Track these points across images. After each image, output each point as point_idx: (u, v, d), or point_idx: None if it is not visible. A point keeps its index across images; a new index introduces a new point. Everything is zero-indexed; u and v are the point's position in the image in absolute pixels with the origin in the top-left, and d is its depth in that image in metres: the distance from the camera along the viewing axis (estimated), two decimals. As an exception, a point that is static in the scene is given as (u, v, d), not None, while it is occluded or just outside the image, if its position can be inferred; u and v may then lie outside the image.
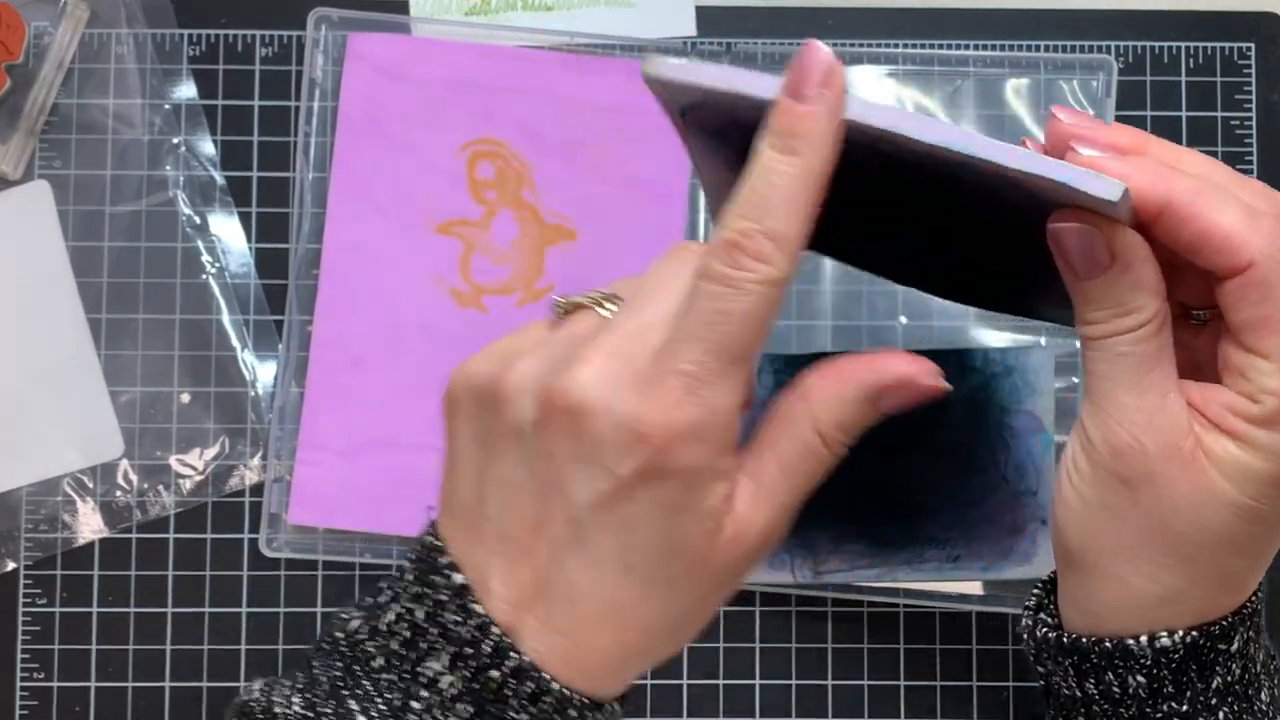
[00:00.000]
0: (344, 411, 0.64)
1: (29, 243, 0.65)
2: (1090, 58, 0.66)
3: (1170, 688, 0.44)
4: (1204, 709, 0.44)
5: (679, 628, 0.42)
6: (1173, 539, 0.42)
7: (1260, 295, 0.40)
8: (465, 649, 0.40)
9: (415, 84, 0.65)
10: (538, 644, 0.40)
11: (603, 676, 0.41)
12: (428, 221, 0.65)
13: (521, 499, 0.40)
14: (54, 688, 0.64)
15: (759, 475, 0.41)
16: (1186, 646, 0.43)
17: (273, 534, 0.64)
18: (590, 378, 0.39)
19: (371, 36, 0.65)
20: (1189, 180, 0.41)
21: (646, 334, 0.39)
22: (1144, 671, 0.44)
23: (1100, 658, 0.44)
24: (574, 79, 0.65)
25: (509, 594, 0.40)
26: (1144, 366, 0.41)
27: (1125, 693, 0.44)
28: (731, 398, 0.39)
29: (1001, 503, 0.63)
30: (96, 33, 0.66)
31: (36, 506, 0.65)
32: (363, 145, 0.65)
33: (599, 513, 0.39)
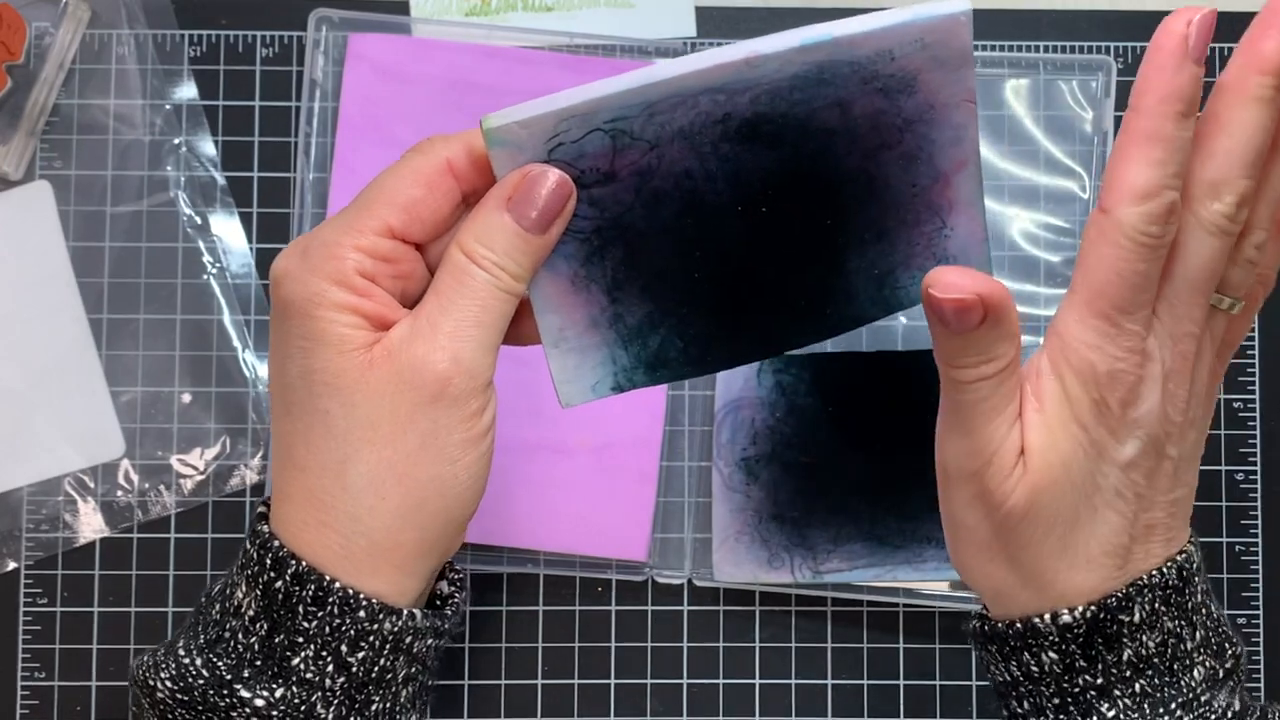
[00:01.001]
0: None
1: (30, 243, 0.65)
2: (1090, 58, 0.66)
3: (1081, 661, 0.47)
4: (1118, 680, 0.46)
5: (370, 470, 0.45)
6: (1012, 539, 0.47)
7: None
8: (254, 569, 0.46)
9: (415, 84, 0.65)
10: (316, 549, 0.45)
11: (357, 558, 0.45)
12: None
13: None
14: (55, 687, 0.64)
15: (418, 312, 0.45)
16: (1088, 621, 0.46)
17: (273, 534, 0.65)
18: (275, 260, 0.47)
19: (372, 37, 0.65)
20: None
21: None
22: (1054, 648, 0.47)
23: (1015, 639, 0.47)
24: (573, 80, 0.65)
25: (290, 512, 0.46)
26: (1002, 403, 0.46)
27: (1042, 670, 0.47)
28: (345, 235, 0.45)
29: None
30: (97, 33, 0.66)
31: (37, 506, 0.65)
32: (363, 145, 0.65)
33: (270, 370, 0.47)
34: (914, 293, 0.50)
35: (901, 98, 0.47)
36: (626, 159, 0.47)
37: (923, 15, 0.45)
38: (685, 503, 0.65)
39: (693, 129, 0.46)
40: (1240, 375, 0.66)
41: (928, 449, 0.65)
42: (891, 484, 0.63)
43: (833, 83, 0.46)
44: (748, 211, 0.48)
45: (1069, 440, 0.45)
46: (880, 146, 0.47)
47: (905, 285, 0.50)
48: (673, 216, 0.47)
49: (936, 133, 0.48)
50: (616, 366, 0.50)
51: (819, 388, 0.64)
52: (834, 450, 0.63)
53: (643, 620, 0.65)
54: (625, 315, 0.49)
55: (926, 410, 0.65)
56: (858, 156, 0.48)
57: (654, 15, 0.67)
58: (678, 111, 0.46)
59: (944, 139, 0.48)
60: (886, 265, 0.50)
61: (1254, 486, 0.66)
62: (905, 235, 0.49)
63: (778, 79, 0.45)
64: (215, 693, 0.45)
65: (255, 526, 0.47)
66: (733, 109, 0.46)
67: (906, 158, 0.48)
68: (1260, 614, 0.65)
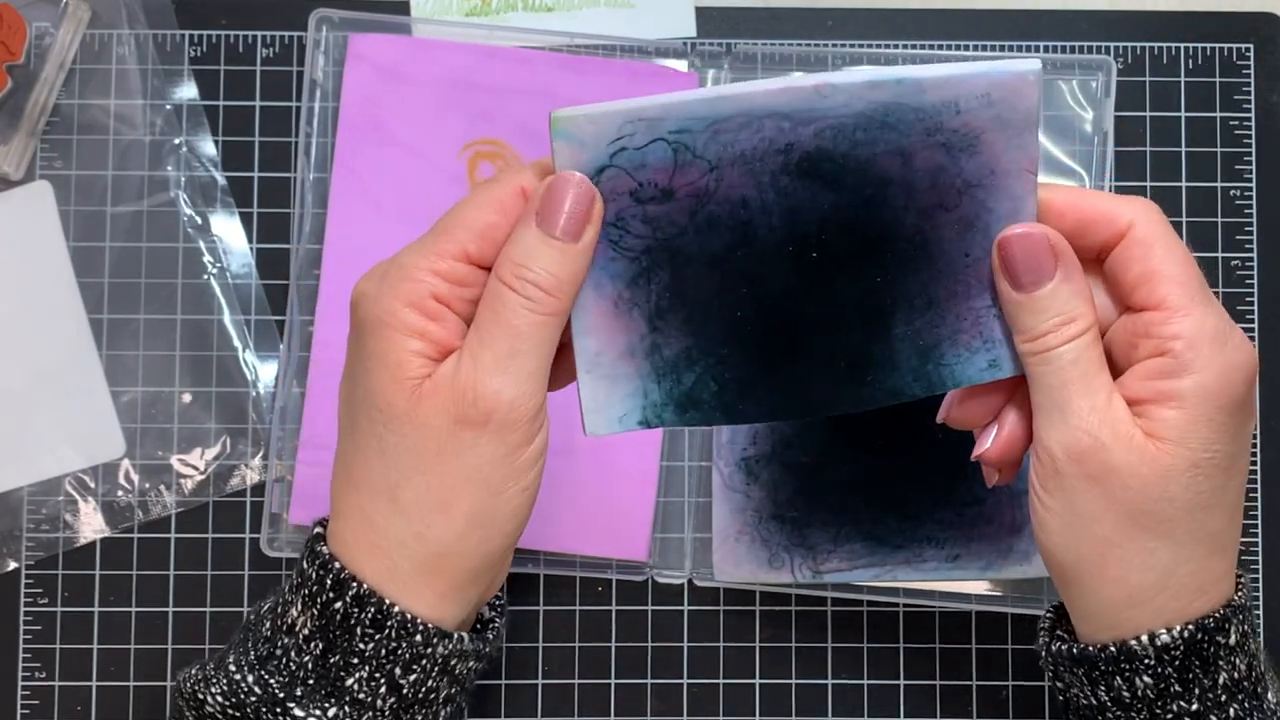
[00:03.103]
0: None
1: (30, 243, 0.65)
2: (1090, 58, 0.66)
3: (1177, 686, 0.46)
4: (1214, 705, 0.46)
5: (418, 496, 0.45)
6: (1149, 521, 0.45)
7: (1142, 251, 0.45)
8: (313, 588, 0.45)
9: (416, 84, 0.65)
10: (366, 570, 0.45)
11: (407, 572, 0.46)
12: (428, 222, 0.65)
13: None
14: (55, 687, 0.64)
15: (468, 344, 0.45)
16: (1185, 641, 0.45)
17: (274, 534, 0.65)
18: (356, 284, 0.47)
19: (372, 37, 0.65)
20: (1063, 187, 0.47)
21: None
22: (1149, 672, 0.46)
23: (1107, 663, 0.46)
24: (574, 79, 0.65)
25: (344, 530, 0.46)
26: (1092, 370, 0.45)
27: (1135, 695, 0.46)
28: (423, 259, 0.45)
29: (1000, 502, 0.63)
30: (98, 33, 0.66)
31: (38, 506, 0.65)
32: (364, 146, 0.65)
33: (341, 390, 0.48)
34: (958, 371, 0.49)
35: (963, 156, 0.47)
36: (686, 178, 0.47)
37: (993, 70, 0.46)
38: (685, 503, 0.65)
39: (754, 155, 0.46)
40: (1240, 375, 0.66)
41: (928, 449, 0.65)
42: (891, 484, 0.63)
43: (896, 128, 0.46)
44: (799, 253, 0.47)
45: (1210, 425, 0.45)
46: (938, 206, 0.47)
47: (950, 364, 0.49)
48: (724, 247, 0.47)
49: (995, 201, 0.47)
50: (646, 401, 0.49)
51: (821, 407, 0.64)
52: (834, 450, 0.63)
53: (643, 620, 0.65)
54: (663, 346, 0.48)
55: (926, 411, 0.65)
56: (914, 214, 0.47)
57: (654, 15, 0.67)
58: (742, 133, 0.46)
59: (1002, 210, 0.47)
60: (932, 338, 0.49)
61: (1254, 486, 0.66)
62: (954, 308, 0.48)
63: (843, 114, 0.46)
64: (268, 710, 0.45)
65: (314, 547, 0.47)
66: (796, 139, 0.46)
67: (963, 223, 0.48)
68: (1260, 614, 0.66)
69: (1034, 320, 0.45)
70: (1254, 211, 0.67)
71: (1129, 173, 0.67)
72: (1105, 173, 0.65)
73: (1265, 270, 0.67)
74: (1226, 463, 0.45)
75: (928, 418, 0.62)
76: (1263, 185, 0.67)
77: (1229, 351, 0.45)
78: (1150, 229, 0.46)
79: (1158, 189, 0.67)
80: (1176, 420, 0.45)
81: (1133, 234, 0.46)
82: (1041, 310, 0.45)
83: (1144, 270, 0.45)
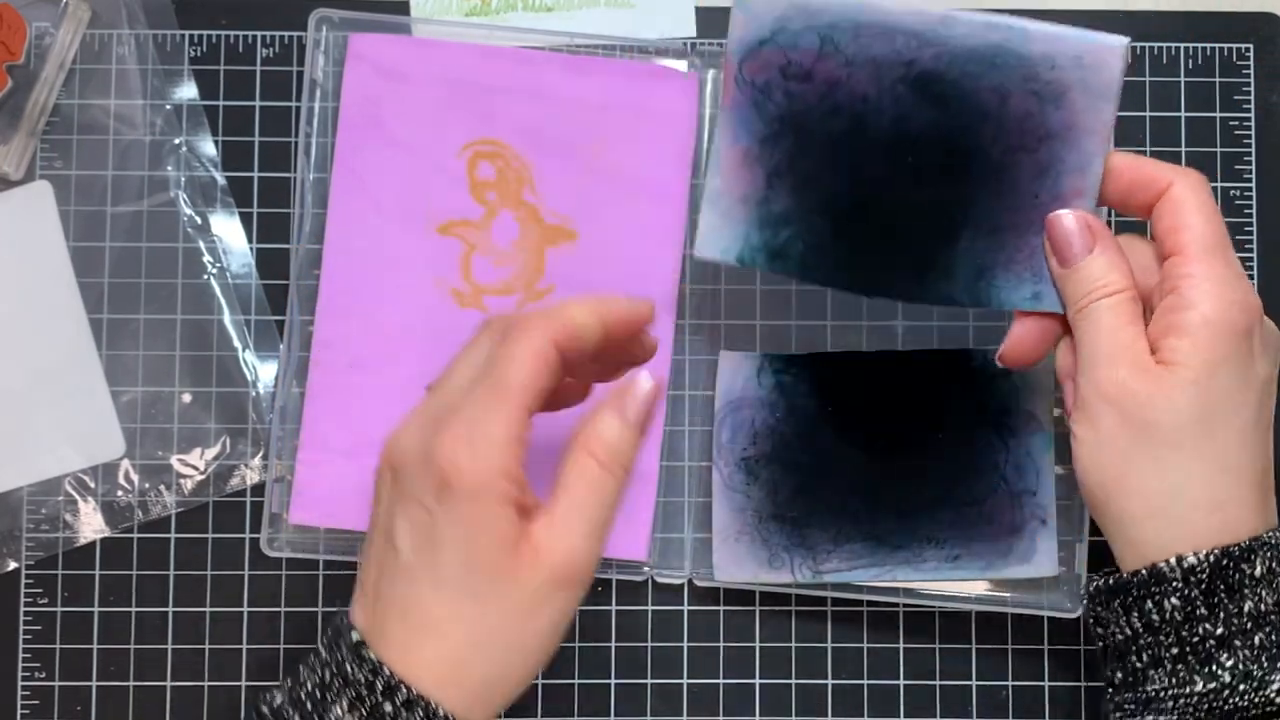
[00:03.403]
0: (345, 412, 0.65)
1: (30, 243, 0.65)
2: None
3: (1203, 609, 0.50)
4: (1239, 631, 0.50)
5: (505, 640, 0.48)
6: (1158, 434, 0.52)
7: (1173, 208, 0.54)
8: (362, 690, 0.47)
9: (416, 84, 0.65)
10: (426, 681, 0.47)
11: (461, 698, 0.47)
12: (428, 222, 0.65)
13: (377, 547, 0.49)
14: (55, 687, 0.64)
15: (553, 509, 0.48)
16: (1211, 566, 0.50)
17: (274, 534, 0.65)
18: (403, 433, 0.49)
19: (372, 37, 0.65)
20: (1126, 153, 0.57)
21: (446, 396, 0.49)
22: (1177, 594, 0.51)
23: (1139, 587, 0.52)
24: (574, 80, 0.65)
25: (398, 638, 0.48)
26: (1120, 322, 0.53)
27: (1164, 618, 0.51)
28: (506, 428, 0.47)
29: (1000, 503, 0.63)
30: (98, 33, 0.66)
31: (38, 506, 0.65)
32: (363, 145, 0.65)
33: (415, 537, 0.48)
34: (1005, 294, 0.57)
35: (1050, 108, 0.56)
36: (825, 65, 0.57)
37: (1087, 36, 0.56)
38: (685, 503, 0.65)
39: (883, 60, 0.56)
40: (1240, 375, 0.66)
41: (928, 450, 0.65)
42: (891, 484, 0.63)
43: (1001, 69, 0.56)
44: (898, 154, 0.57)
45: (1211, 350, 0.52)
46: (1020, 148, 0.56)
47: (999, 285, 0.57)
48: (840, 131, 0.57)
49: (1068, 154, 0.56)
50: (746, 244, 0.58)
51: (819, 388, 0.64)
52: (834, 450, 0.63)
53: (643, 620, 0.65)
54: (771, 201, 0.58)
55: (926, 410, 0.65)
56: (1000, 148, 0.56)
57: (654, 15, 0.67)
58: (878, 40, 0.56)
59: (1072, 162, 0.56)
60: (989, 260, 0.57)
61: None
62: (1014, 240, 0.57)
63: (960, 46, 0.56)
64: None
65: (360, 652, 0.48)
66: (918, 57, 0.56)
67: (1038, 167, 0.56)
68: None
69: (1076, 288, 0.55)
70: (1254, 211, 0.67)
71: (1129, 173, 0.67)
72: None
73: (1265, 270, 0.67)
74: (1231, 387, 0.52)
75: (928, 418, 0.62)
76: (1262, 185, 0.67)
77: (1228, 290, 0.52)
78: (1185, 191, 0.54)
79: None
80: (1181, 346, 0.52)
81: (1170, 193, 0.54)
82: (1082, 280, 0.54)
83: (1172, 224, 0.54)
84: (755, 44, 0.57)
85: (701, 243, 0.59)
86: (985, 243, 0.57)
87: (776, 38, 0.57)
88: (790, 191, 0.58)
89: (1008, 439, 0.63)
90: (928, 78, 0.56)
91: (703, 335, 0.66)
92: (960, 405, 0.63)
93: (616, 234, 0.65)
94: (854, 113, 0.57)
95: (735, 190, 0.58)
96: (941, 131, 0.56)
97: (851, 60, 0.56)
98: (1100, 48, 0.56)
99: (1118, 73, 0.56)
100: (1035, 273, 0.57)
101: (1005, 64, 0.56)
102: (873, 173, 0.57)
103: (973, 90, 0.56)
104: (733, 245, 0.58)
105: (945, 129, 0.56)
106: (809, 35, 0.56)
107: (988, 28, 0.56)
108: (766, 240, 0.58)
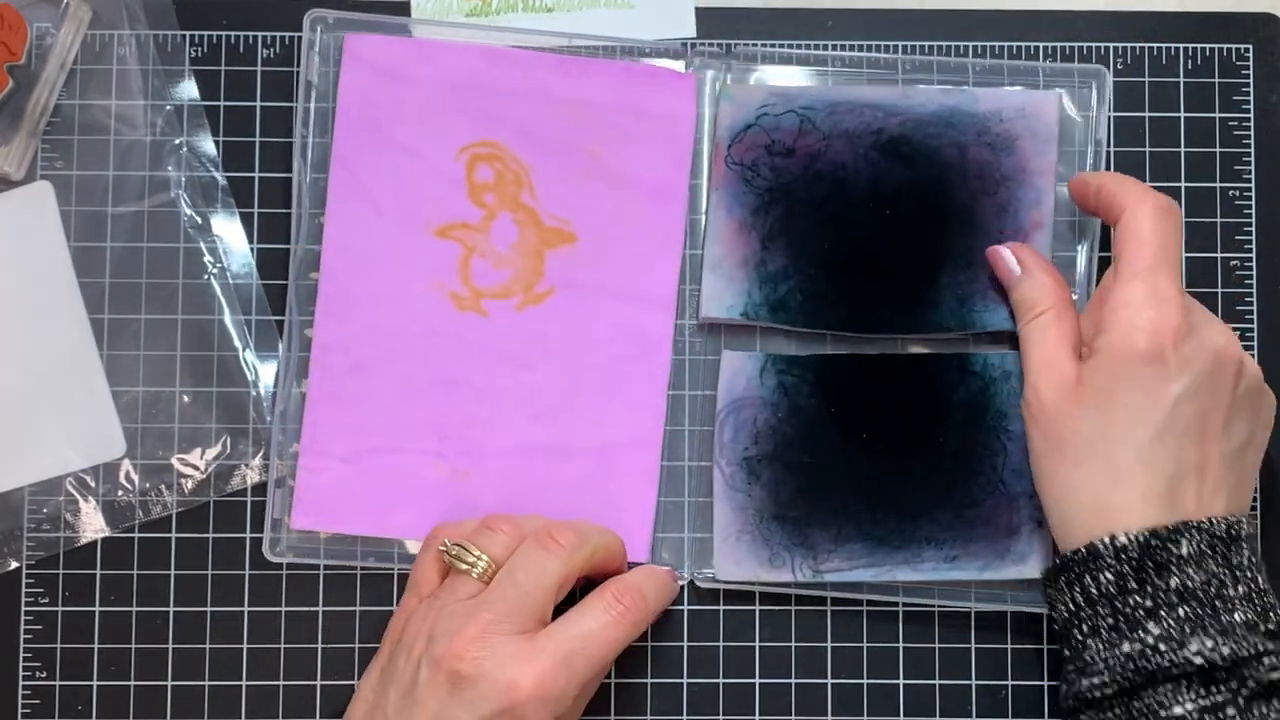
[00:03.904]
0: (345, 417, 0.65)
1: (31, 243, 0.66)
2: (1085, 67, 0.66)
3: (1133, 583, 0.55)
4: (1164, 604, 0.54)
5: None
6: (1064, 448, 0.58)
7: (1122, 235, 0.59)
8: None
9: (413, 86, 0.65)
10: None
11: None
12: (427, 225, 0.65)
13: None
14: (56, 687, 0.65)
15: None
16: (1140, 545, 0.55)
17: (275, 537, 0.65)
18: (477, 650, 0.55)
19: (368, 38, 0.65)
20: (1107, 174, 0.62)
21: (513, 615, 0.56)
22: (1110, 569, 0.55)
23: (1078, 565, 0.56)
24: (571, 81, 0.65)
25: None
26: (1047, 338, 0.59)
27: (1100, 591, 0.56)
28: (584, 675, 0.56)
29: (998, 505, 0.63)
30: (98, 34, 0.66)
31: (39, 506, 0.65)
32: (361, 147, 0.65)
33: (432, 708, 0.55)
34: (987, 318, 0.64)
35: (1003, 155, 0.64)
36: (805, 141, 0.64)
37: (1027, 92, 0.65)
38: (685, 502, 0.65)
39: (856, 131, 0.64)
40: (1239, 375, 0.66)
41: (928, 451, 0.66)
42: (892, 485, 0.63)
43: (957, 126, 0.64)
44: (877, 209, 0.64)
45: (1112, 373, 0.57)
46: (981, 192, 0.64)
47: (980, 310, 0.64)
48: (824, 195, 0.64)
49: (1023, 193, 0.64)
50: (749, 300, 0.64)
51: (821, 388, 0.64)
52: (835, 450, 0.64)
53: (643, 620, 0.65)
54: (768, 262, 0.64)
55: (927, 412, 0.65)
56: (965, 194, 0.64)
57: (654, 16, 0.67)
58: (849, 116, 0.64)
59: (1028, 200, 0.64)
60: (968, 290, 0.64)
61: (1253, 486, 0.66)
62: (987, 270, 0.64)
63: (921, 112, 0.64)
64: None
65: None
66: (885, 125, 0.64)
67: (999, 207, 0.64)
68: (1259, 613, 0.66)
69: (1016, 311, 0.62)
70: (1253, 212, 0.67)
71: (1129, 173, 0.67)
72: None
73: (1264, 270, 0.67)
74: (1132, 407, 0.56)
75: (929, 419, 0.62)
76: (1261, 186, 0.67)
77: (1135, 315, 0.57)
78: (1135, 219, 0.58)
79: (1156, 189, 0.67)
80: (1089, 368, 0.58)
81: (1123, 220, 0.59)
82: (1017, 303, 0.62)
83: (1118, 250, 0.59)
84: (742, 128, 0.64)
85: (707, 304, 0.64)
86: (963, 275, 0.64)
87: (760, 121, 0.64)
88: (784, 251, 0.64)
89: (1006, 442, 0.63)
90: (895, 142, 0.64)
91: (703, 335, 0.66)
92: (960, 408, 0.64)
93: (616, 235, 0.65)
94: (835, 178, 0.64)
95: (734, 255, 0.64)
96: (912, 186, 0.64)
97: (828, 134, 0.64)
98: (1039, 99, 0.64)
99: (1055, 119, 0.64)
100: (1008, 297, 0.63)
101: (960, 122, 0.64)
102: (857, 227, 0.64)
103: (935, 148, 0.64)
104: (737, 303, 0.64)
105: (915, 183, 0.64)
106: (789, 117, 0.64)
107: (942, 94, 0.64)
108: (767, 296, 0.64)
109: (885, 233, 0.64)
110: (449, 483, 0.64)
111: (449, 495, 0.64)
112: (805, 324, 0.64)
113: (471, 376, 0.65)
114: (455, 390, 0.65)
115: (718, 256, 0.64)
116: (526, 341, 0.65)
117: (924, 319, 0.64)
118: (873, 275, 0.64)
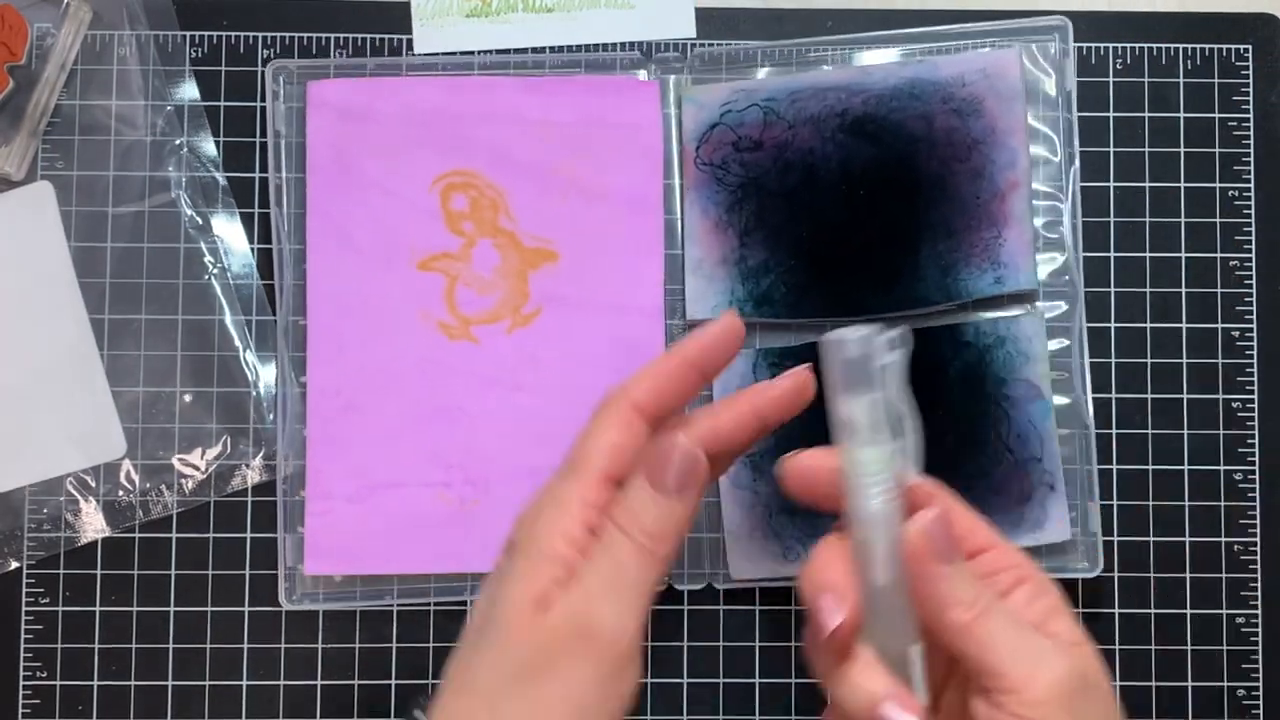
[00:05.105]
0: (345, 458, 0.65)
1: (31, 243, 0.66)
2: (1043, 23, 0.66)
3: None
4: None
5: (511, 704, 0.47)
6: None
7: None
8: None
9: (380, 123, 0.65)
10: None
11: None
12: (409, 259, 0.65)
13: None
14: (56, 686, 0.65)
15: (583, 574, 0.47)
16: None
17: (289, 586, 0.65)
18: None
19: (330, 83, 0.65)
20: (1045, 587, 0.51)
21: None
22: None
23: None
24: (537, 101, 0.65)
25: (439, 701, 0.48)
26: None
27: None
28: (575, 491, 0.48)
29: (1007, 473, 0.63)
30: (99, 34, 0.66)
31: (39, 506, 0.65)
32: (335, 190, 0.65)
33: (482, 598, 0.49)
34: (970, 284, 0.63)
35: (970, 119, 0.64)
36: (772, 133, 0.64)
37: (985, 53, 0.64)
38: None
39: (820, 116, 0.64)
40: (1239, 375, 0.66)
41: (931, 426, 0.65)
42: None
43: (921, 98, 0.64)
44: (850, 191, 0.64)
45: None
46: (953, 159, 0.64)
47: (964, 278, 0.64)
48: (796, 184, 0.64)
49: (996, 154, 0.64)
50: (733, 297, 0.64)
51: (820, 378, 0.64)
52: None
53: (643, 620, 0.65)
54: (748, 258, 0.64)
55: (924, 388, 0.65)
56: (936, 164, 0.64)
57: (654, 16, 0.67)
58: (812, 101, 0.64)
59: (1002, 161, 0.64)
60: (951, 259, 0.64)
61: (1253, 486, 0.66)
62: (968, 237, 0.64)
63: (882, 87, 0.64)
64: None
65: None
66: (849, 106, 0.64)
67: (973, 172, 0.64)
68: (1259, 614, 0.66)
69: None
70: (1252, 212, 0.67)
71: (1128, 174, 0.67)
72: (1073, 139, 0.65)
73: (1263, 270, 0.67)
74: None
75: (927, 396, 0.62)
76: (1261, 185, 0.67)
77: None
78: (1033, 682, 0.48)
79: (1156, 189, 0.67)
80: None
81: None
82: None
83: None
84: (707, 128, 0.64)
85: (692, 306, 0.64)
86: (944, 245, 0.63)
87: (724, 119, 0.64)
88: (762, 245, 0.64)
89: (1008, 409, 0.63)
90: (861, 121, 0.64)
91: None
92: (957, 379, 0.64)
93: (597, 248, 0.65)
94: (805, 165, 0.64)
95: (714, 255, 0.64)
96: (883, 162, 0.64)
97: (793, 122, 0.64)
98: (998, 57, 0.64)
99: (1018, 75, 0.64)
100: (993, 261, 0.64)
101: (924, 92, 0.64)
102: (832, 212, 0.64)
103: (901, 121, 0.64)
104: (721, 302, 0.64)
105: (886, 159, 0.64)
106: (753, 111, 0.64)
107: (900, 66, 0.64)
108: (750, 291, 0.64)
109: (861, 213, 0.63)
110: (457, 513, 0.65)
111: (459, 525, 0.64)
112: (791, 315, 0.64)
113: (468, 405, 0.65)
114: (454, 420, 0.65)
115: (697, 258, 0.64)
116: (520, 364, 0.65)
117: (910, 295, 0.63)
118: (853, 258, 0.64)
